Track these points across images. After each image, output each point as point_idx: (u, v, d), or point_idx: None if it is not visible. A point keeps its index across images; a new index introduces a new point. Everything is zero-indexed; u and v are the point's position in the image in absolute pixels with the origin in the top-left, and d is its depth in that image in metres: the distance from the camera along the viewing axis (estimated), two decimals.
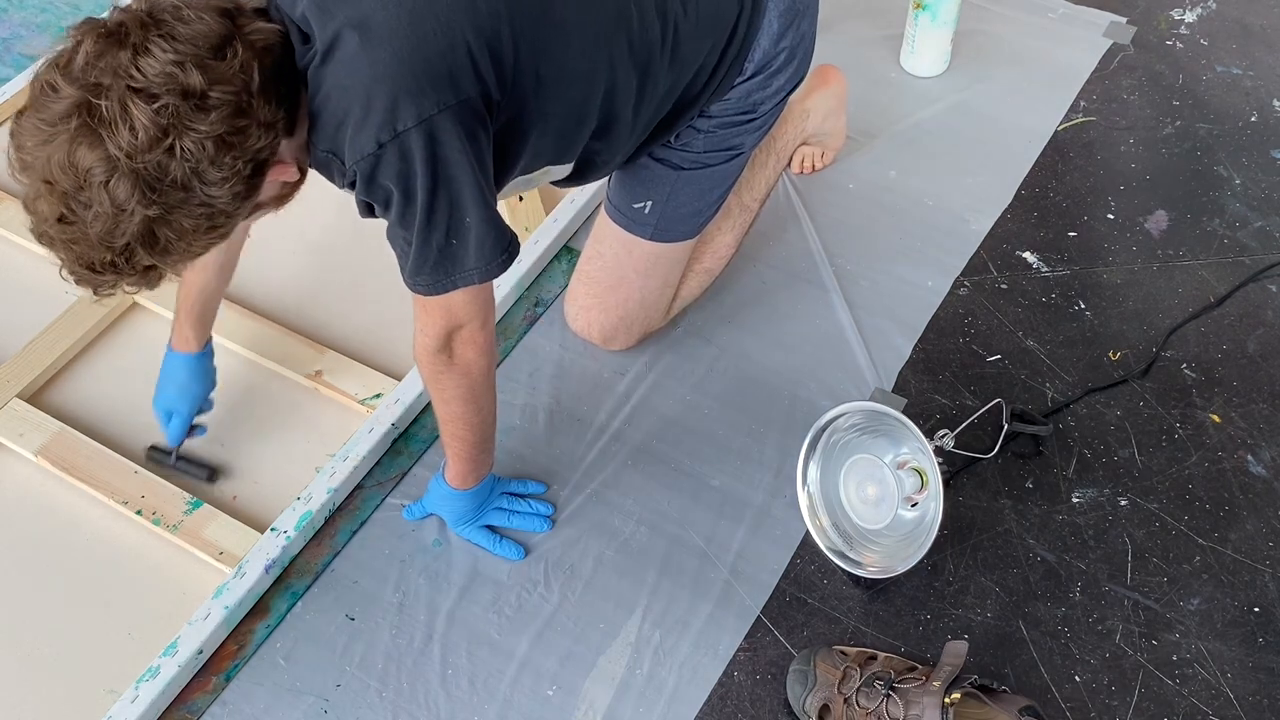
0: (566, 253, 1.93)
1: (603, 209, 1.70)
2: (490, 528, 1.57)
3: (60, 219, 1.09)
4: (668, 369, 1.77)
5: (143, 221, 1.09)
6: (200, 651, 1.45)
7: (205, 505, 1.58)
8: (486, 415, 1.48)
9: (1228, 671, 1.45)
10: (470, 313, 1.34)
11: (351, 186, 1.24)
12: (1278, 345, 1.78)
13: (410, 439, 1.69)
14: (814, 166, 2.03)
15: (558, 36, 1.28)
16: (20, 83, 2.14)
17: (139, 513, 1.57)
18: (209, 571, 1.54)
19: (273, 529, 1.55)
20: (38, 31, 2.31)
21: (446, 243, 1.26)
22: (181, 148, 1.07)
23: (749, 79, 1.52)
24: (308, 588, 1.54)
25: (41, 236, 1.13)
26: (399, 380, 1.72)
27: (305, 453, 1.67)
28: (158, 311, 1.81)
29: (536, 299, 1.86)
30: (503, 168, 1.33)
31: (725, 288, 1.86)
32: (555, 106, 1.32)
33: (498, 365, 1.77)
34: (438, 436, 1.68)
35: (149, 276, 1.16)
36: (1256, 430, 1.68)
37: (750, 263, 1.90)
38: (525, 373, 1.77)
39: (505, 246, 1.30)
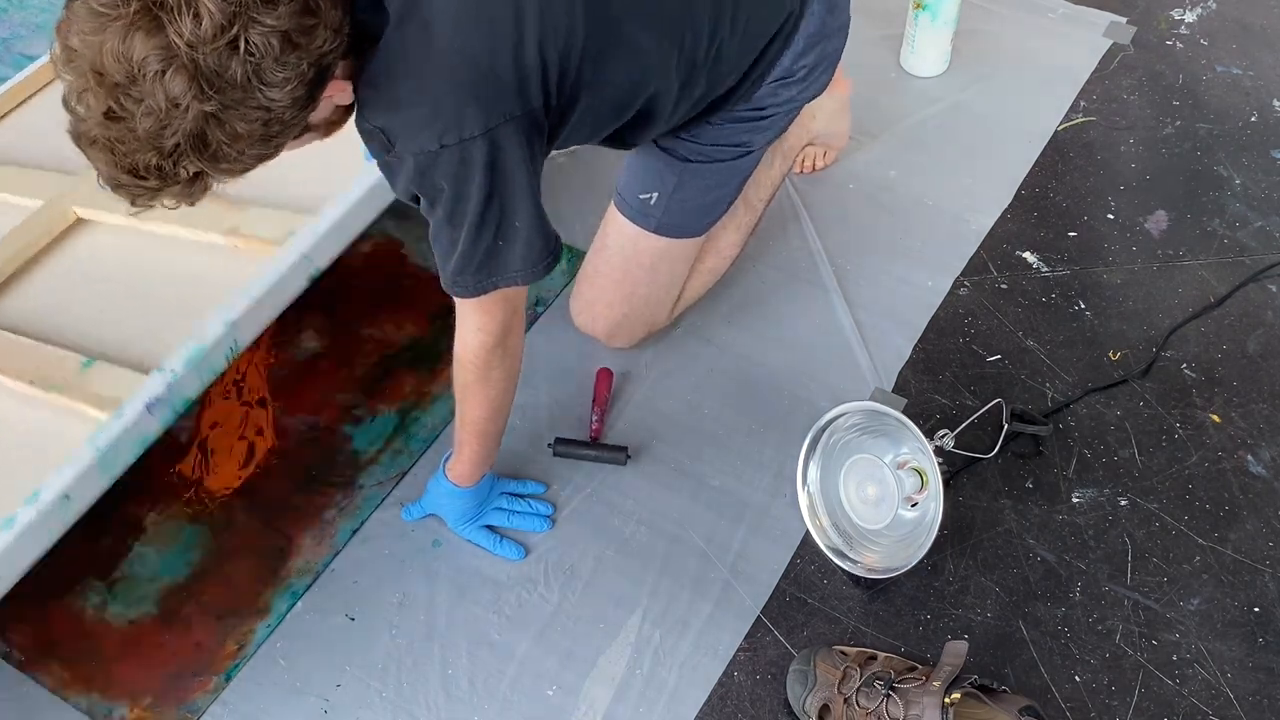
0: (566, 252, 1.93)
1: (611, 201, 1.70)
2: (490, 528, 1.57)
3: (107, 114, 1.03)
4: (668, 369, 1.77)
5: (196, 119, 1.03)
6: (68, 498, 1.33)
7: (99, 362, 1.46)
8: (511, 404, 1.50)
9: (1228, 671, 1.45)
10: (521, 301, 1.37)
11: (381, 160, 1.24)
12: (1278, 345, 1.78)
13: (410, 438, 1.69)
14: (814, 166, 2.03)
15: (621, 52, 1.30)
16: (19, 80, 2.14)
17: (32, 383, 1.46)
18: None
19: (159, 369, 1.43)
20: (38, 31, 2.32)
21: (495, 244, 1.27)
22: (247, 41, 1.02)
23: (763, 86, 1.53)
24: (308, 588, 1.54)
25: (81, 137, 1.08)
26: (315, 216, 1.59)
27: None
28: (102, 220, 1.71)
29: (536, 298, 1.86)
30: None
31: (725, 288, 1.86)
32: (601, 106, 1.34)
33: None
34: (438, 436, 1.68)
35: (194, 187, 1.11)
36: (1256, 430, 1.68)
37: (750, 263, 1.90)
38: (525, 373, 1.76)
39: (551, 249, 1.32)
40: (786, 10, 1.46)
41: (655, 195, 1.62)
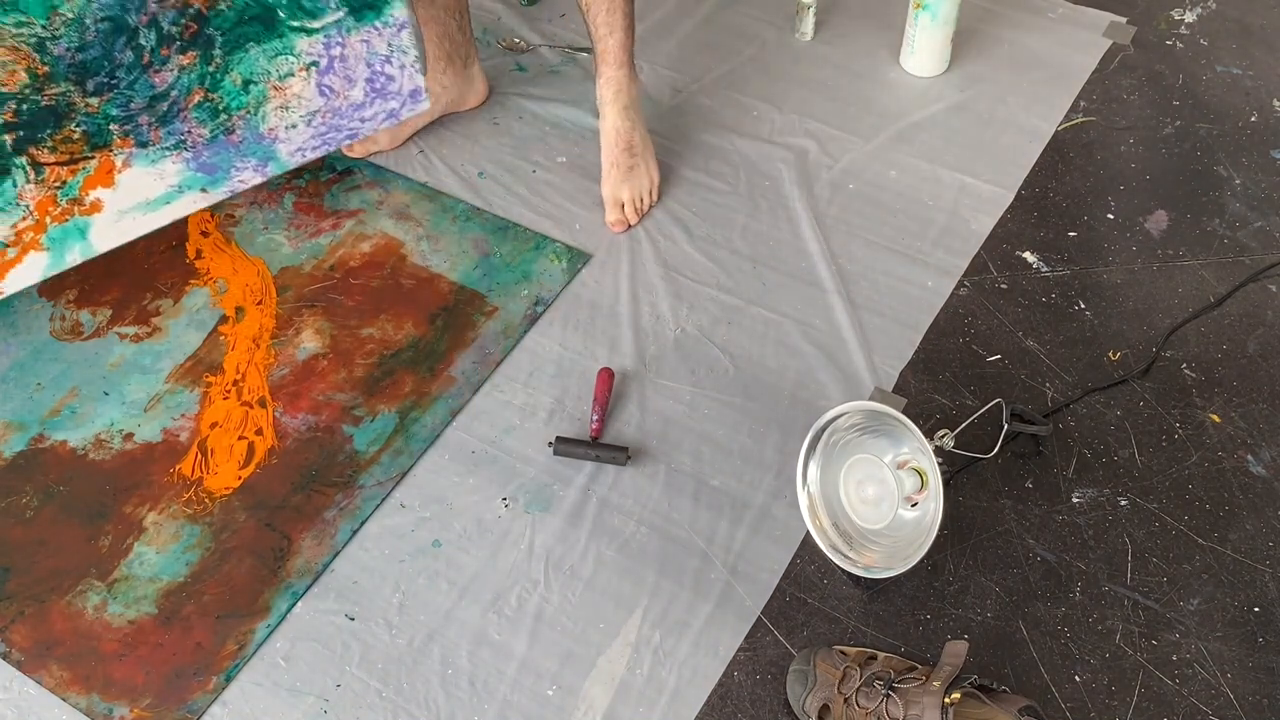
0: (566, 252, 1.93)
1: None
2: None
3: None
4: (668, 369, 1.77)
5: None
6: None
7: None
8: None
9: (1228, 671, 1.45)
10: None
11: None
12: (1278, 345, 1.78)
13: (410, 438, 1.69)
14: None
15: None
16: None
17: None
18: None
19: None
20: None
21: None
22: None
23: None
24: (308, 588, 1.54)
25: None
26: None
27: None
28: None
29: (536, 298, 1.86)
30: None
31: (725, 288, 1.86)
32: None
33: (497, 365, 1.77)
34: (438, 436, 1.68)
35: None
36: (1256, 430, 1.68)
37: (750, 263, 1.90)
38: (525, 373, 1.77)
39: None
40: None
41: None
